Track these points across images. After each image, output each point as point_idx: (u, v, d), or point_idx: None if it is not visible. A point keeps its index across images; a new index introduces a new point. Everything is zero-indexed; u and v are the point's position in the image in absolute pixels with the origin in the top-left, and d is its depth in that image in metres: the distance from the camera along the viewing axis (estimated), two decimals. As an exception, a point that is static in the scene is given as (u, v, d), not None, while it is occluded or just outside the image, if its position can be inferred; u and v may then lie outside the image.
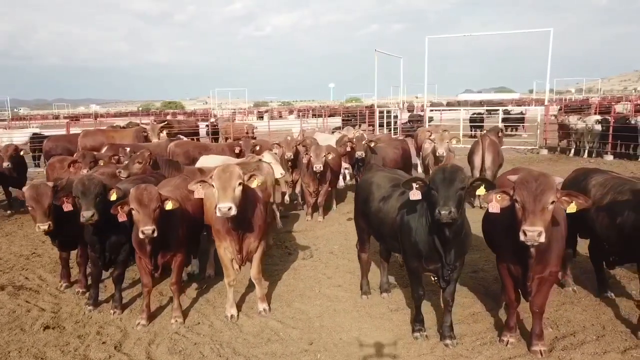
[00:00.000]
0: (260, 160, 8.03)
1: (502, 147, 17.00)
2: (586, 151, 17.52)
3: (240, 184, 4.79)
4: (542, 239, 3.79)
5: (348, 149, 10.18)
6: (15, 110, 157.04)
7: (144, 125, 14.52)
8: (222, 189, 4.68)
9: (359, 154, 9.90)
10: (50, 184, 5.65)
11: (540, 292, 4.42)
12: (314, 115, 46.97)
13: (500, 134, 11.90)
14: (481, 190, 4.28)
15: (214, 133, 23.37)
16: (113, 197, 5.21)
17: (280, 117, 58.46)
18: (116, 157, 9.55)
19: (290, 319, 5.43)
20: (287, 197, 11.32)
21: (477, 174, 10.26)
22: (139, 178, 6.55)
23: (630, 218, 4.86)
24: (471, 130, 25.33)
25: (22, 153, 10.75)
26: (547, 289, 4.45)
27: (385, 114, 24.87)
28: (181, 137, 13.77)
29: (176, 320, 5.30)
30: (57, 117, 74.14)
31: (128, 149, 10.36)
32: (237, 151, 11.71)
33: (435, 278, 4.66)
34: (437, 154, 9.95)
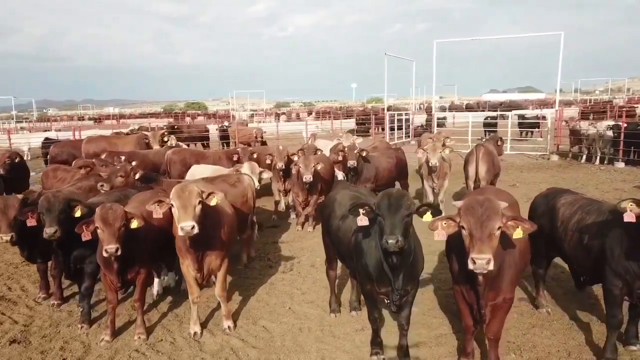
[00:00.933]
0: (240, 172, 8.04)
1: (513, 152, 16.74)
2: (598, 158, 17.07)
3: (200, 202, 4.80)
4: (492, 266, 3.68)
5: (340, 157, 10.13)
6: (44, 110, 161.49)
7: (145, 132, 14.71)
8: (183, 208, 4.70)
9: (351, 163, 9.86)
10: (20, 196, 5.76)
11: (495, 318, 4.31)
12: (329, 117, 47.02)
13: (499, 143, 11.64)
14: (427, 217, 4.18)
15: (226, 137, 23.54)
16: (77, 213, 5.28)
17: (299, 118, 58.65)
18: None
19: (253, 337, 5.41)
20: (282, 205, 11.34)
21: (471, 184, 10.08)
22: (114, 192, 6.61)
23: (596, 238, 4.77)
24: (485, 135, 24.85)
25: (16, 160, 10.89)
26: (502, 315, 4.34)
27: (395, 117, 24.57)
28: (180, 144, 13.88)
29: (139, 337, 5.33)
30: (81, 118, 75.85)
31: (123, 157, 10.55)
32: (235, 159, 11.77)
33: (388, 301, 4.59)
34: (430, 164, 9.82)
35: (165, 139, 13.47)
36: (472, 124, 23.44)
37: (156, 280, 6.66)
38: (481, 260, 3.65)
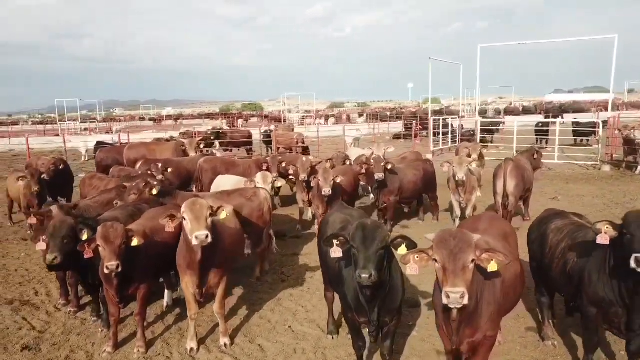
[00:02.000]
0: (255, 186, 8.15)
1: (561, 162, 15.81)
2: (653, 169, 16.00)
3: (210, 214, 4.94)
4: (466, 300, 3.53)
5: (362, 170, 10.04)
6: (110, 110, 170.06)
7: (182, 139, 15.19)
8: (196, 220, 4.85)
9: (379, 176, 9.66)
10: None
11: (475, 356, 4.15)
12: (378, 119, 46.70)
13: (535, 156, 11.14)
14: (402, 250, 4.08)
15: (270, 142, 23.85)
16: (84, 237, 5.48)
17: (349, 120, 58.54)
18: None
19: (247, 356, 5.48)
20: (309, 215, 11.41)
21: (499, 199, 9.74)
22: (129, 207, 6.84)
23: (578, 265, 4.74)
24: (537, 142, 23.77)
25: (60, 166, 11.47)
26: (484, 354, 4.16)
27: (440, 122, 23.97)
28: (214, 152, 14.22)
29: (138, 350, 5.53)
30: (142, 119, 79.28)
31: (160, 164, 10.93)
32: (264, 168, 11.93)
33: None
34: (457, 179, 9.55)
35: (202, 146, 13.83)
36: (524, 129, 22.45)
37: (167, 292, 6.87)
38: (455, 294, 3.51)
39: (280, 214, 12.34)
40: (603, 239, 4.33)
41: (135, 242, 5.15)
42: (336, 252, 4.30)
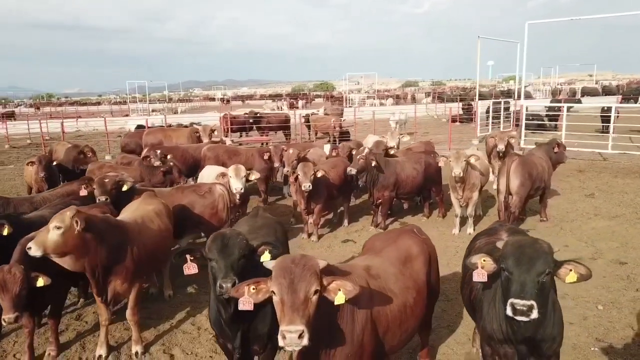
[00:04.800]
0: (214, 183, 7.79)
1: (616, 152, 14.04)
2: None
3: (59, 228, 4.44)
4: (305, 341, 2.94)
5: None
6: (190, 90, 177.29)
7: (197, 126, 15.16)
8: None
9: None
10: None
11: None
12: (441, 99, 44.67)
13: (556, 149, 9.88)
14: (265, 257, 3.75)
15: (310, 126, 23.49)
16: (5, 232, 5.36)
17: (414, 100, 56.69)
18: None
19: (152, 368, 5.21)
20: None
21: (501, 198, 8.73)
22: (59, 204, 6.53)
23: (475, 296, 4.09)
24: (603, 130, 21.38)
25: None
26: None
27: (491, 106, 22.26)
28: (225, 139, 14.04)
29: (49, 354, 5.40)
30: (212, 99, 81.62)
31: (159, 152, 10.91)
32: (265, 157, 11.59)
33: None
34: (453, 174, 8.62)
35: (216, 132, 13.71)
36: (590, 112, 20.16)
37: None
38: (292, 334, 2.92)
39: (285, 204, 11.98)
40: (480, 276, 3.54)
41: (40, 282, 4.71)
42: (190, 269, 3.90)
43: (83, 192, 7.16)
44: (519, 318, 3.13)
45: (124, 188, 7.02)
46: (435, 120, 34.09)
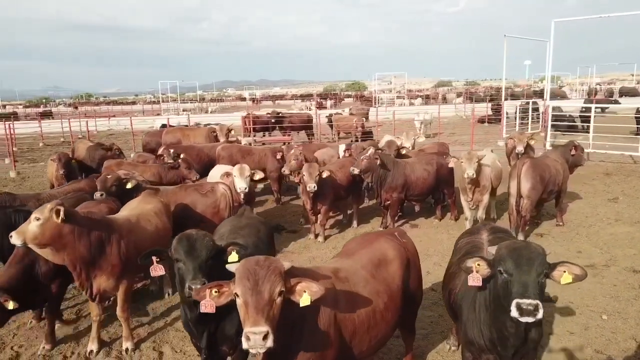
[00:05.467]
0: (217, 182, 7.83)
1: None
2: None
3: (38, 219, 4.57)
4: (270, 342, 2.88)
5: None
6: (223, 90, 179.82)
7: (214, 126, 15.29)
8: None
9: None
10: None
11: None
12: (472, 100, 43.83)
13: (573, 151, 9.51)
14: (233, 257, 3.77)
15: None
16: None
17: (444, 100, 55.88)
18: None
19: (139, 364, 5.26)
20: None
21: (512, 202, 8.47)
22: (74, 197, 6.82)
23: (456, 299, 4.00)
24: (638, 131, 20.49)
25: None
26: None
27: (517, 107, 21.66)
28: (240, 139, 14.12)
29: (43, 347, 5.52)
30: (243, 99, 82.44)
31: (172, 150, 11.09)
32: (278, 157, 11.61)
33: None
34: (466, 176, 8.38)
35: (232, 132, 13.81)
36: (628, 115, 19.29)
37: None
38: (256, 335, 2.87)
39: (298, 203, 11.95)
40: (475, 280, 3.42)
41: (10, 305, 4.87)
42: (157, 270, 3.90)
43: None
44: (524, 319, 3.04)
45: (128, 186, 7.15)
46: (464, 121, 33.44)
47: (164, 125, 21.12)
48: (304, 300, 3.07)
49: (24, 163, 20.29)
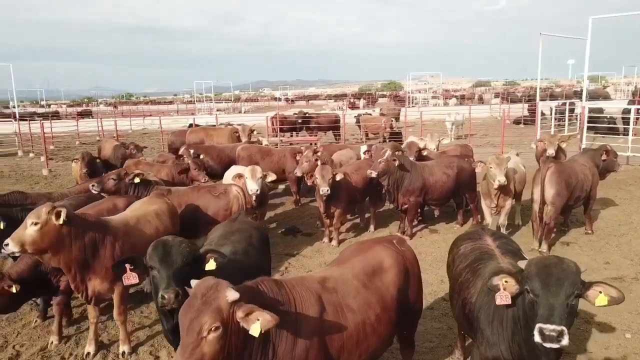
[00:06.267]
0: (230, 184, 7.72)
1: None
2: None
3: (35, 223, 4.47)
4: None
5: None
6: (260, 90, 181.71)
7: (237, 126, 15.25)
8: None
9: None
10: None
11: None
12: (507, 100, 42.52)
13: (604, 156, 8.94)
14: (210, 265, 3.65)
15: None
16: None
17: (481, 100, 54.59)
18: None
19: (134, 369, 5.17)
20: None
21: (536, 208, 8.02)
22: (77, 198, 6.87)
23: (471, 311, 3.76)
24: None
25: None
26: None
27: (552, 107, 20.79)
28: (261, 139, 14.03)
29: (52, 342, 5.55)
30: (278, 99, 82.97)
31: (192, 150, 11.12)
32: (297, 158, 11.45)
33: None
34: (497, 183, 7.86)
35: (255, 132, 13.75)
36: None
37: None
38: None
39: (316, 205, 11.76)
40: (503, 299, 3.21)
41: (14, 289, 4.95)
42: (130, 279, 3.78)
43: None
44: (548, 345, 2.85)
45: (136, 180, 7.26)
46: (498, 122, 32.43)
47: (191, 125, 21.34)
48: (254, 330, 2.79)
49: (57, 161, 20.88)
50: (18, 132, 24.12)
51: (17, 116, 30.85)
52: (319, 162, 9.73)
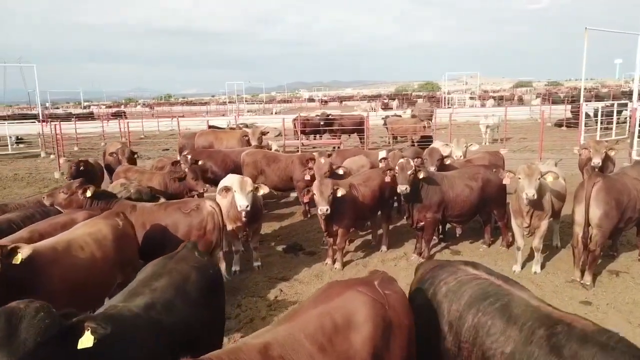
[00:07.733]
0: (203, 199, 6.67)
1: None
2: None
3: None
4: None
5: (387, 178, 7.68)
6: (295, 91, 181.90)
7: (247, 129, 14.23)
8: None
9: (402, 188, 7.18)
10: None
11: None
12: (549, 101, 40.15)
13: (660, 169, 7.43)
14: (87, 341, 2.48)
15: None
16: None
17: (521, 101, 52.19)
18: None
19: None
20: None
21: (578, 232, 6.61)
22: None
23: None
24: None
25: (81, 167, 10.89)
26: None
27: (593, 108, 18.86)
28: (270, 143, 12.99)
29: None
30: (312, 100, 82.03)
31: (189, 156, 10.20)
32: (310, 165, 10.36)
33: None
34: (525, 196, 6.57)
35: (265, 135, 12.75)
36: None
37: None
38: None
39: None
40: None
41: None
42: None
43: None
44: None
45: (87, 194, 6.28)
46: (538, 125, 30.48)
47: (210, 127, 20.56)
48: None
49: (75, 163, 20.44)
50: (41, 133, 23.96)
51: (41, 117, 30.90)
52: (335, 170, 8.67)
